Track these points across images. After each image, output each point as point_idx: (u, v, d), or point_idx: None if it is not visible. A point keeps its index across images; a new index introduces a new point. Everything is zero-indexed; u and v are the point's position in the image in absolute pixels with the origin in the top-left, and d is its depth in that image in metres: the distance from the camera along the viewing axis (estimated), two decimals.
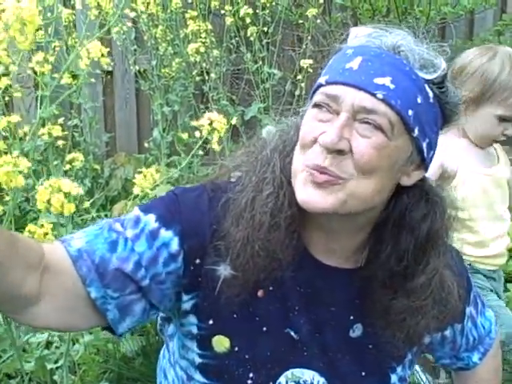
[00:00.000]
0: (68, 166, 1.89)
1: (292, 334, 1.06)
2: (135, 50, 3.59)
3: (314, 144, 0.96)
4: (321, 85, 0.99)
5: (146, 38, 3.46)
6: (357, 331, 1.09)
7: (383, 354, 1.10)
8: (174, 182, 3.06)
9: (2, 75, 1.56)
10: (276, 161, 1.03)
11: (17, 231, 1.49)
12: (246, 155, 1.10)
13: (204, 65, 3.37)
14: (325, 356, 1.08)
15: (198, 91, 3.65)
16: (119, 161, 3.85)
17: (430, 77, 0.97)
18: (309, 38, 3.40)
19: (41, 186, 1.36)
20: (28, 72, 2.78)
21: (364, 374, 1.10)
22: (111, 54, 3.79)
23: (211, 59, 3.40)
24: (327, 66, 1.02)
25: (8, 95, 2.39)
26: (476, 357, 1.28)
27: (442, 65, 0.98)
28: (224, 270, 1.01)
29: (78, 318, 0.99)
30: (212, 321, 1.04)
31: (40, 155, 2.54)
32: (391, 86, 0.94)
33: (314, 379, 1.08)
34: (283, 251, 1.00)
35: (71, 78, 2.44)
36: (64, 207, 1.35)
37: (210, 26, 3.37)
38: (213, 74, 3.41)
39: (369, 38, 0.99)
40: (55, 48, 2.69)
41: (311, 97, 1.01)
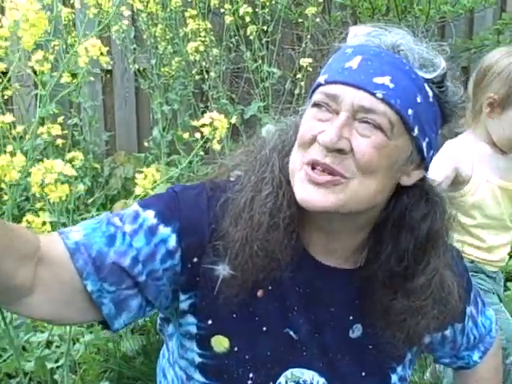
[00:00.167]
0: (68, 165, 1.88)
1: (291, 333, 1.06)
2: (135, 48, 3.58)
3: (313, 143, 0.96)
4: (320, 84, 0.99)
5: (145, 36, 3.46)
6: (356, 332, 1.09)
7: (383, 354, 1.10)
8: (175, 181, 3.05)
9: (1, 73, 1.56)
10: (275, 160, 1.03)
11: None
12: (246, 154, 1.10)
13: (204, 63, 3.36)
14: (325, 356, 1.08)
15: (198, 90, 3.64)
16: (119, 160, 3.85)
17: (429, 76, 0.97)
18: (308, 36, 3.39)
19: (34, 168, 1.36)
20: (28, 71, 2.78)
21: (364, 374, 1.10)
22: (111, 52, 3.78)
23: (211, 58, 3.39)
24: (326, 65, 1.01)
25: (7, 94, 2.39)
26: (476, 355, 1.28)
27: (442, 64, 0.98)
28: (223, 269, 1.01)
29: (74, 311, 0.99)
30: (211, 321, 1.04)
31: (40, 154, 2.54)
32: (391, 86, 0.94)
33: (313, 379, 1.08)
34: (282, 251, 1.00)
35: (71, 76, 2.44)
36: (58, 188, 1.34)
37: (209, 25, 3.36)
38: (212, 73, 3.41)
39: (368, 37, 0.99)
40: (55, 47, 2.69)
41: (310, 96, 1.01)
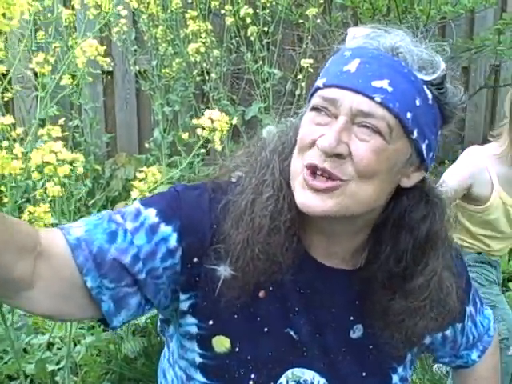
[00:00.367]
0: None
1: (292, 334, 1.06)
2: (135, 50, 3.58)
3: (313, 147, 0.96)
4: (318, 88, 0.98)
5: (146, 38, 3.46)
6: (357, 332, 1.09)
7: (383, 354, 1.10)
8: (175, 182, 3.05)
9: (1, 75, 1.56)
10: (275, 163, 1.03)
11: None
12: (246, 156, 1.10)
13: (204, 65, 3.36)
14: (325, 357, 1.08)
15: (199, 91, 3.65)
16: (120, 161, 3.85)
17: (428, 78, 0.96)
18: (309, 37, 3.39)
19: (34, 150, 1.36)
20: (28, 73, 2.78)
21: (365, 374, 1.10)
22: (111, 54, 3.79)
23: (211, 59, 3.39)
24: (325, 68, 1.01)
25: (7, 96, 2.39)
26: (475, 354, 1.28)
27: (441, 65, 0.98)
28: (224, 270, 1.01)
29: (73, 307, 0.98)
30: (212, 321, 1.04)
31: None
32: (389, 89, 0.93)
33: (314, 379, 1.08)
34: (283, 254, 1.00)
35: (71, 78, 2.44)
36: (57, 170, 1.34)
37: (210, 26, 3.36)
38: (213, 74, 3.41)
39: (366, 39, 0.99)
40: (55, 49, 2.69)
41: (309, 99, 1.01)
